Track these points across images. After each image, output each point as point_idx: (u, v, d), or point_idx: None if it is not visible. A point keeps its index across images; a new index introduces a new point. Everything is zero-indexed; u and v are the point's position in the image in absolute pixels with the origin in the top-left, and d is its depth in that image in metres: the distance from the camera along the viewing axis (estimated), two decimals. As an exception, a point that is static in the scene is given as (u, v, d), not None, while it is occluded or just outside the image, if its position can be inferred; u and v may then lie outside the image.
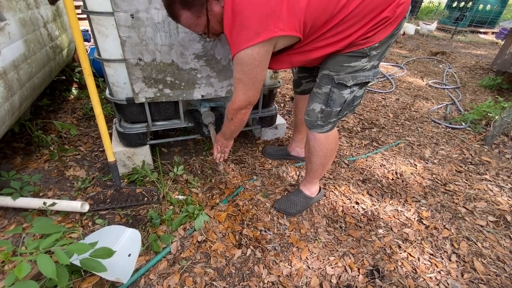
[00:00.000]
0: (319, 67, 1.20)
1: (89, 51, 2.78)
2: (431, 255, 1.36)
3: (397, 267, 1.29)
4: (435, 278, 1.25)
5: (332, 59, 1.08)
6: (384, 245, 1.39)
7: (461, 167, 1.99)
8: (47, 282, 1.05)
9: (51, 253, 0.90)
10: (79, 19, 1.14)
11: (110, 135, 1.72)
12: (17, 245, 1.27)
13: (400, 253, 1.36)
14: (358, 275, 1.25)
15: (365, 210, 1.59)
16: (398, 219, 1.54)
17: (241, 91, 1.06)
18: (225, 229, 1.42)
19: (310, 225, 1.48)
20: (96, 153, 1.90)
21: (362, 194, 1.70)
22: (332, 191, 1.70)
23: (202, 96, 1.57)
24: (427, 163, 2.01)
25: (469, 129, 2.45)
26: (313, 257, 1.32)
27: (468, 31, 6.70)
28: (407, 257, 1.34)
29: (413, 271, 1.28)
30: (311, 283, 1.20)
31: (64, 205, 1.38)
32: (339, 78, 1.08)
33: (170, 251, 1.29)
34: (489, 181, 1.86)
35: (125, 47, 1.29)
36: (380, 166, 1.95)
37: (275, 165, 1.90)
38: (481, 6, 6.50)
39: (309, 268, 1.27)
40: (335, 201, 1.63)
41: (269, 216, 1.51)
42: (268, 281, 1.20)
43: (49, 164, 1.77)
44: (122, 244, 1.24)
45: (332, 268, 1.27)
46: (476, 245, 1.41)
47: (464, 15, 6.80)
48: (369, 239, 1.42)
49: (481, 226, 1.52)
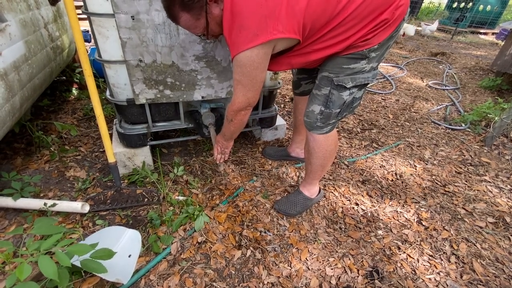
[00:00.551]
0: (319, 68, 1.20)
1: (89, 51, 2.78)
2: (431, 256, 1.36)
3: (396, 268, 1.29)
4: (434, 279, 1.26)
5: (332, 61, 1.08)
6: (384, 246, 1.39)
7: (460, 168, 1.99)
8: (47, 283, 1.06)
9: (51, 254, 0.91)
10: (80, 19, 1.14)
11: (110, 135, 1.72)
12: (17, 246, 1.28)
13: (400, 254, 1.36)
14: (358, 276, 1.25)
15: (365, 211, 1.59)
16: (397, 220, 1.55)
17: (241, 92, 1.06)
18: (225, 230, 1.42)
19: (310, 226, 1.48)
20: (96, 154, 1.91)
21: (362, 195, 1.70)
22: (332, 192, 1.71)
23: (203, 97, 1.57)
24: (426, 164, 2.01)
25: (469, 130, 2.46)
26: (312, 258, 1.32)
27: (468, 31, 6.70)
28: (407, 258, 1.34)
29: (413, 272, 1.28)
30: (310, 284, 1.21)
31: (64, 205, 1.39)
32: (338, 80, 1.08)
33: (170, 252, 1.29)
34: (489, 182, 1.87)
35: (125, 48, 1.29)
36: (380, 167, 1.96)
37: (275, 166, 1.90)
38: (481, 7, 6.50)
39: (308, 269, 1.27)
40: (335, 202, 1.63)
41: (269, 217, 1.51)
42: (268, 282, 1.20)
43: (49, 164, 1.77)
44: (122, 245, 1.24)
45: (331, 269, 1.27)
46: (476, 246, 1.41)
47: (464, 15, 6.80)
48: (369, 240, 1.42)
49: (481, 227, 1.52)
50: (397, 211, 1.60)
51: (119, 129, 1.60)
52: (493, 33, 6.75)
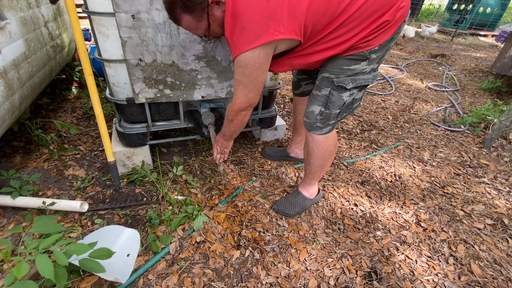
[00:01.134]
0: (319, 69, 1.20)
1: (89, 50, 2.78)
2: (429, 257, 1.36)
3: (394, 269, 1.29)
4: (433, 280, 1.26)
5: (332, 62, 1.08)
6: (382, 247, 1.40)
7: (459, 170, 1.99)
8: (46, 282, 1.06)
9: (50, 252, 0.91)
10: (80, 17, 1.14)
11: (110, 135, 1.72)
12: (16, 244, 1.27)
13: (398, 255, 1.36)
14: (356, 277, 1.25)
15: (364, 212, 1.59)
16: (396, 221, 1.55)
17: (242, 93, 1.06)
18: (224, 230, 1.42)
19: (308, 226, 1.48)
20: (95, 153, 1.91)
21: (361, 196, 1.70)
22: (331, 192, 1.71)
23: (202, 97, 1.57)
24: (425, 165, 2.02)
25: (468, 132, 2.46)
26: (311, 259, 1.32)
27: (468, 33, 6.71)
28: (405, 259, 1.34)
29: (411, 273, 1.29)
30: (309, 285, 1.21)
31: (63, 204, 1.39)
32: (338, 81, 1.09)
33: (169, 251, 1.29)
34: (487, 184, 1.87)
35: (125, 47, 1.29)
36: (379, 168, 1.96)
37: (274, 166, 1.90)
38: (481, 9, 6.51)
39: (307, 269, 1.27)
40: (334, 203, 1.64)
41: (268, 217, 1.51)
42: (266, 282, 1.20)
43: (48, 163, 1.77)
44: (121, 244, 1.24)
45: (330, 270, 1.27)
46: (474, 248, 1.42)
47: (464, 17, 6.81)
48: (367, 241, 1.42)
49: (479, 229, 1.52)
50: (396, 212, 1.61)
51: (119, 128, 1.60)
52: (493, 35, 6.76)
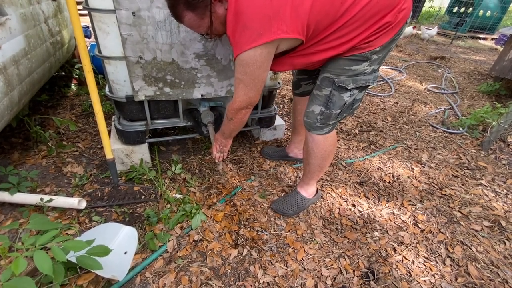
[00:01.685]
0: (320, 69, 1.21)
1: (89, 47, 2.77)
2: (426, 258, 1.37)
3: (392, 270, 1.30)
4: (429, 281, 1.26)
5: (334, 62, 1.09)
6: (380, 247, 1.40)
7: (457, 171, 2.00)
8: (42, 278, 1.05)
9: (47, 249, 0.91)
10: (80, 14, 1.14)
11: (109, 132, 1.71)
12: (13, 240, 1.27)
13: (395, 256, 1.37)
14: (353, 277, 1.25)
15: (362, 212, 1.60)
16: (394, 222, 1.55)
17: (242, 91, 1.06)
18: (222, 228, 1.42)
19: (306, 226, 1.48)
20: (94, 150, 1.90)
21: (359, 197, 1.71)
22: (329, 193, 1.71)
23: (202, 95, 1.57)
24: (424, 167, 2.02)
25: (466, 134, 2.47)
26: (309, 258, 1.32)
27: (467, 36, 6.74)
28: (402, 260, 1.35)
29: (408, 274, 1.29)
30: (306, 284, 1.21)
31: (61, 201, 1.38)
32: (339, 81, 1.09)
33: (167, 249, 1.29)
34: (485, 186, 1.88)
35: (126, 45, 1.29)
36: (378, 169, 1.96)
37: (273, 165, 1.90)
38: (481, 12, 6.53)
39: (304, 269, 1.28)
40: (332, 203, 1.64)
41: (266, 216, 1.51)
42: (263, 281, 1.20)
43: (46, 160, 1.77)
44: (118, 242, 1.24)
45: (327, 270, 1.28)
46: (471, 249, 1.42)
47: (464, 20, 6.83)
48: (365, 242, 1.42)
49: (476, 231, 1.53)
50: (393, 213, 1.61)
51: (118, 125, 1.60)
52: (492, 39, 6.78)
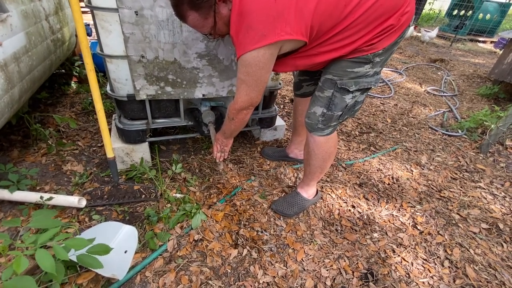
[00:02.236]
0: (322, 70, 1.21)
1: (89, 45, 2.76)
2: (425, 260, 1.37)
3: (391, 271, 1.30)
4: (428, 283, 1.27)
5: (336, 64, 1.09)
6: (379, 249, 1.41)
7: (456, 174, 2.01)
8: (42, 277, 1.05)
9: (47, 247, 0.90)
10: (82, 12, 1.13)
11: (109, 131, 1.71)
12: (12, 238, 1.27)
13: (394, 257, 1.37)
14: (353, 278, 1.26)
15: (361, 213, 1.60)
16: (393, 223, 1.56)
17: (244, 92, 1.07)
18: (222, 228, 1.42)
19: (306, 227, 1.49)
20: (94, 149, 1.90)
21: (359, 198, 1.71)
22: (329, 194, 1.72)
23: (203, 95, 1.57)
24: (423, 169, 2.03)
25: (465, 136, 2.48)
26: (308, 259, 1.33)
27: (467, 39, 6.76)
28: (401, 262, 1.36)
29: (407, 275, 1.30)
30: (306, 285, 1.21)
31: (61, 199, 1.38)
32: (342, 83, 1.09)
33: (167, 249, 1.29)
34: (483, 189, 1.89)
35: (128, 43, 1.29)
36: (377, 170, 1.97)
37: (273, 166, 1.91)
38: (480, 15, 6.56)
39: (304, 269, 1.28)
40: (332, 204, 1.64)
41: (266, 217, 1.52)
42: (263, 282, 1.21)
43: (46, 158, 1.76)
44: (118, 241, 1.24)
45: (327, 270, 1.28)
46: (469, 251, 1.43)
47: (464, 23, 6.86)
48: (364, 243, 1.43)
49: (474, 233, 1.54)
50: (393, 214, 1.62)
51: (119, 124, 1.60)
52: (491, 42, 6.81)
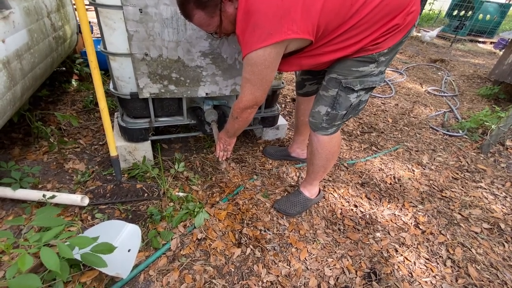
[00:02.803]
0: (325, 70, 1.21)
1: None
2: (427, 259, 1.38)
3: (393, 271, 1.31)
4: (431, 282, 1.28)
5: (341, 63, 1.09)
6: (382, 248, 1.41)
7: (457, 174, 2.02)
8: (45, 276, 1.05)
9: (50, 246, 0.90)
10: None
11: (112, 129, 1.71)
12: (15, 236, 1.26)
13: (397, 256, 1.38)
14: (356, 277, 1.26)
15: (363, 213, 1.61)
16: (395, 223, 1.57)
17: (249, 91, 1.06)
18: (225, 227, 1.42)
19: (309, 226, 1.49)
20: (95, 147, 1.89)
21: (361, 197, 1.72)
22: (332, 193, 1.72)
23: (207, 94, 1.57)
24: (424, 169, 2.04)
25: (466, 137, 2.49)
26: (311, 258, 1.33)
27: (467, 39, 6.78)
28: (404, 261, 1.36)
29: (409, 275, 1.30)
30: (309, 284, 1.22)
31: (63, 198, 1.37)
32: (347, 82, 1.09)
33: (170, 247, 1.29)
34: (484, 189, 1.90)
35: (132, 41, 1.28)
36: (379, 170, 1.97)
37: (275, 165, 1.91)
38: (480, 16, 6.58)
39: (307, 268, 1.28)
40: (334, 203, 1.65)
41: (268, 216, 1.52)
42: (267, 281, 1.21)
43: (48, 156, 1.75)
44: (122, 239, 1.23)
45: (330, 270, 1.28)
46: (471, 251, 1.44)
47: (464, 24, 6.87)
48: (367, 242, 1.43)
49: (476, 233, 1.55)
50: (395, 214, 1.62)
51: (121, 122, 1.59)
52: (491, 42, 6.83)
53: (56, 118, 2.05)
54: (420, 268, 1.34)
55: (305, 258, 1.32)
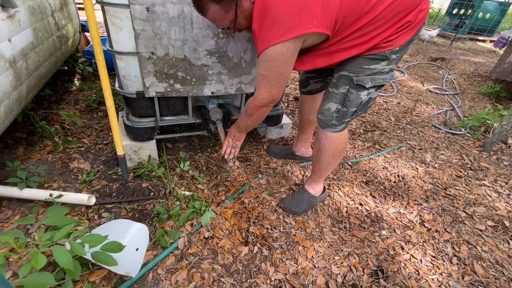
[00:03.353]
0: (333, 68, 1.21)
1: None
2: (433, 257, 1.39)
3: (400, 268, 1.31)
4: (437, 279, 1.28)
5: (353, 60, 1.09)
6: (388, 246, 1.42)
7: (460, 172, 2.03)
8: (55, 274, 1.05)
9: (60, 245, 0.90)
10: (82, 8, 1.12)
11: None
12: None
13: (403, 254, 1.38)
14: (363, 275, 1.27)
15: (369, 211, 1.61)
16: (400, 221, 1.57)
17: (265, 88, 1.06)
18: (232, 226, 1.43)
19: (315, 224, 1.49)
20: (100, 146, 1.89)
21: (366, 196, 1.72)
22: (336, 191, 1.72)
23: (212, 92, 1.56)
24: (428, 167, 2.05)
25: (468, 135, 2.50)
26: (318, 256, 1.33)
27: (467, 38, 6.79)
28: (410, 259, 1.37)
29: (416, 272, 1.31)
30: (317, 282, 1.22)
31: (70, 197, 1.37)
32: (358, 80, 1.09)
33: (178, 246, 1.29)
34: (488, 186, 1.91)
35: (138, 40, 1.28)
36: (383, 168, 1.98)
37: (280, 164, 1.91)
38: (480, 14, 6.59)
39: (315, 267, 1.29)
40: (339, 202, 1.65)
41: (274, 214, 1.52)
42: (275, 279, 1.21)
43: (52, 155, 1.75)
44: (129, 238, 1.24)
45: (337, 268, 1.29)
46: (476, 248, 1.45)
47: (464, 22, 6.88)
48: (373, 240, 1.44)
49: (480, 231, 1.56)
50: (400, 212, 1.63)
51: (127, 121, 1.59)
52: (491, 41, 6.85)
53: (59, 118, 2.05)
54: (427, 266, 1.34)
55: (312, 256, 1.33)
